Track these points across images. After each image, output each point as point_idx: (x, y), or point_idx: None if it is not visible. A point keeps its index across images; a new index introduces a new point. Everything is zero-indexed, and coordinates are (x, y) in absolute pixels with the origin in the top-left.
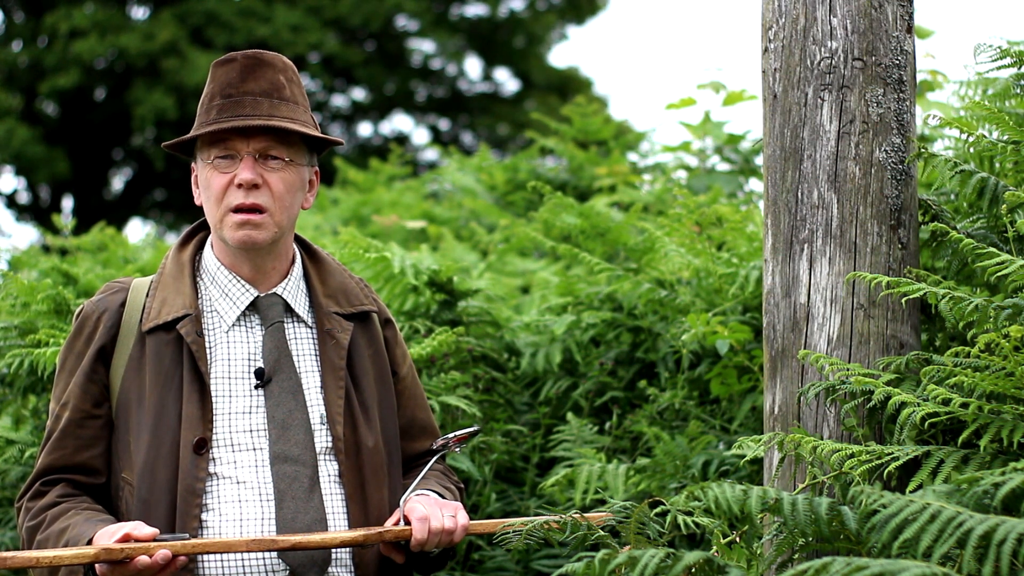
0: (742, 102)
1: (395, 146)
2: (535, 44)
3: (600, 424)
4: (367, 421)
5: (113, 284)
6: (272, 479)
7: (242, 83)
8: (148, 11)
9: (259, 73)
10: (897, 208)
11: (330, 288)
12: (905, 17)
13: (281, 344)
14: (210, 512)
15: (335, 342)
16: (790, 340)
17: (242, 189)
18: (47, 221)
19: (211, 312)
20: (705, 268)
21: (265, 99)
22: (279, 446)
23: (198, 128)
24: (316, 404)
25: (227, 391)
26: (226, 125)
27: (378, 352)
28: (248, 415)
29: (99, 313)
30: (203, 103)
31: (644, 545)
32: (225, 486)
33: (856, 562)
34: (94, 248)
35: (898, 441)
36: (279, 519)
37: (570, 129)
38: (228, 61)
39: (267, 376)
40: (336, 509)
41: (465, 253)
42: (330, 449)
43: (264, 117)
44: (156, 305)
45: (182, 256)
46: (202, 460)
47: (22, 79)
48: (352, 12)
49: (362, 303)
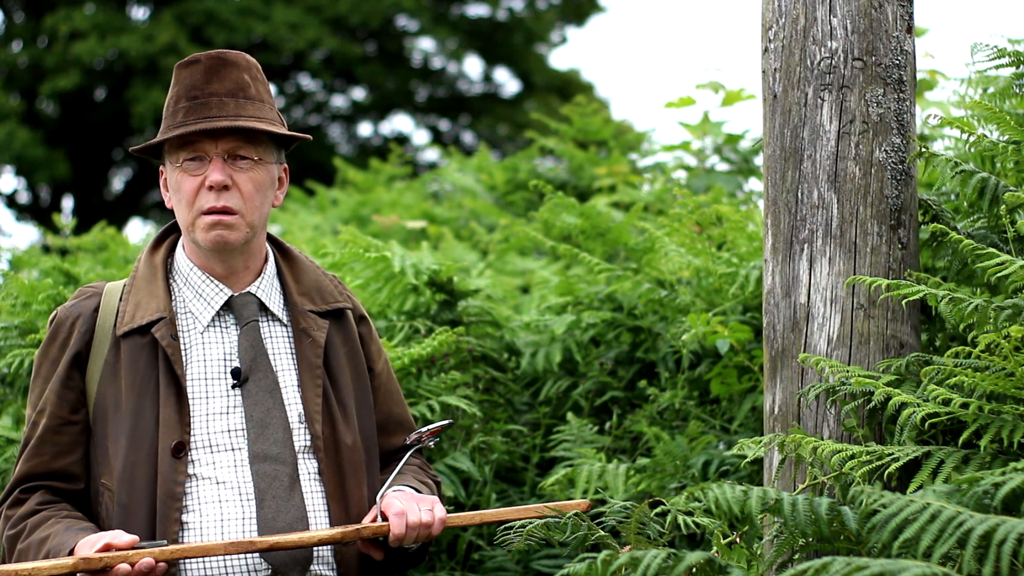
0: (740, 102)
1: (395, 146)
2: (535, 44)
3: (600, 424)
4: (345, 419)
5: (86, 289)
6: (252, 478)
7: (207, 84)
8: (148, 12)
9: (224, 73)
10: (897, 208)
11: (304, 286)
12: (905, 17)
13: (257, 343)
14: (191, 513)
15: (311, 340)
16: (790, 340)
17: (213, 191)
18: (47, 221)
19: (185, 314)
20: (705, 268)
21: (231, 99)
22: (258, 445)
23: (165, 131)
24: (294, 403)
25: (204, 392)
26: (193, 128)
27: (354, 349)
28: (226, 415)
29: (73, 319)
30: (168, 106)
31: (644, 545)
32: (205, 487)
33: (856, 562)
34: (94, 248)
35: (898, 441)
36: (260, 518)
37: (570, 129)
38: (192, 63)
39: (244, 375)
40: (317, 507)
41: (465, 253)
42: (309, 447)
43: (231, 118)
44: (130, 309)
45: (154, 258)
46: (180, 464)
47: (22, 80)
48: (351, 11)
49: (336, 300)
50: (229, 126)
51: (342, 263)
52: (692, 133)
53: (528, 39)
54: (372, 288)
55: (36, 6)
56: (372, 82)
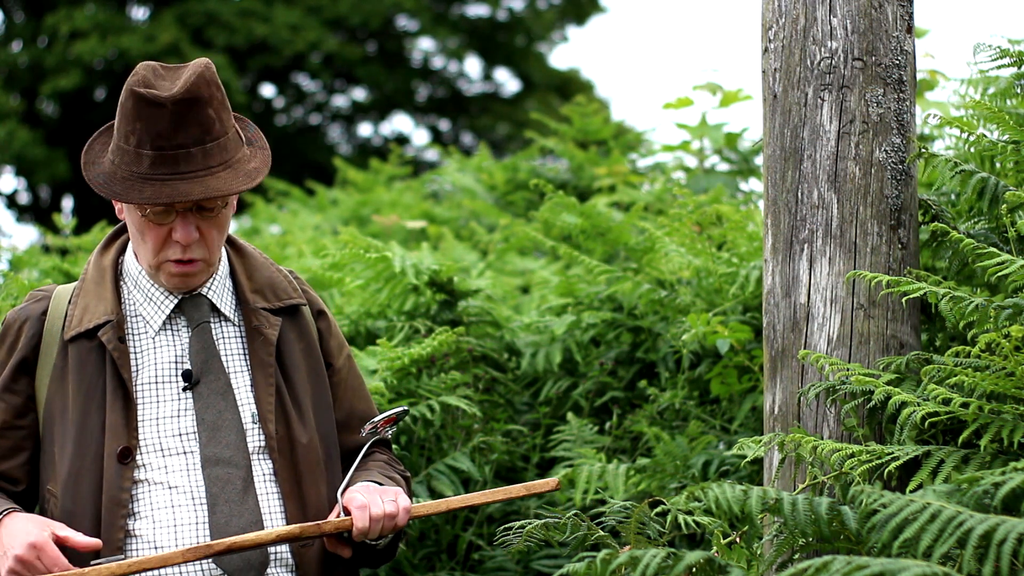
0: (738, 102)
1: (395, 146)
2: (535, 44)
3: (600, 424)
4: (300, 417)
5: (36, 292)
6: (204, 483)
7: (174, 134)
8: (148, 12)
9: (190, 119)
10: (897, 208)
11: (257, 283)
12: (905, 17)
13: (208, 344)
14: (142, 520)
15: (263, 338)
16: (790, 340)
17: (179, 245)
18: (47, 221)
19: (135, 317)
20: (705, 268)
21: (198, 149)
22: (210, 449)
23: (130, 182)
24: (247, 403)
25: (154, 396)
26: (165, 200)
27: (310, 346)
28: (176, 419)
29: (20, 322)
30: (127, 141)
31: (644, 545)
32: (156, 492)
33: (856, 561)
34: (94, 248)
35: (898, 441)
36: (212, 524)
37: (570, 129)
38: (155, 105)
39: (195, 378)
40: (273, 509)
41: (465, 253)
42: (263, 448)
43: (200, 174)
44: (78, 313)
45: (103, 261)
46: (127, 470)
47: (22, 80)
48: (352, 12)
49: (290, 296)
50: (202, 197)
51: (342, 263)
52: (690, 134)
53: (528, 39)
54: (372, 288)
55: (36, 6)
56: (372, 82)
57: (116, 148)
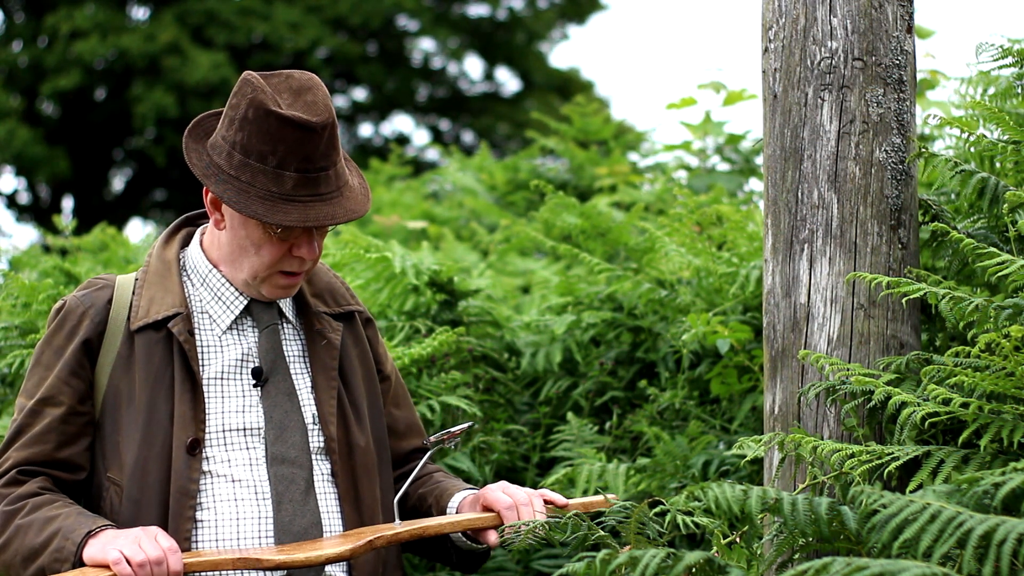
0: (742, 101)
1: (395, 146)
2: (535, 43)
3: (600, 424)
4: (358, 421)
5: (96, 280)
6: (269, 480)
7: (320, 157)
8: (148, 11)
9: (333, 143)
10: (897, 208)
11: (317, 288)
12: (905, 17)
13: (276, 346)
14: (206, 511)
15: (326, 342)
16: (790, 340)
17: (297, 259)
18: (47, 221)
19: (202, 314)
20: (705, 268)
21: (333, 171)
22: (276, 447)
23: (270, 203)
24: (308, 404)
25: (220, 391)
26: (314, 223)
27: (364, 352)
28: (242, 414)
29: (84, 308)
30: (263, 160)
31: (644, 545)
32: (219, 484)
33: (856, 562)
34: (95, 248)
35: (898, 441)
36: (277, 521)
37: (570, 129)
38: (306, 129)
39: (264, 375)
40: (330, 509)
41: (465, 253)
42: (323, 449)
43: (334, 195)
44: (144, 303)
45: (167, 254)
46: (195, 461)
47: (23, 80)
48: (352, 11)
49: (349, 303)
50: (344, 220)
51: (343, 263)
52: (694, 133)
53: (528, 38)
54: (373, 288)
55: (37, 5)
56: (372, 82)
57: (244, 164)
